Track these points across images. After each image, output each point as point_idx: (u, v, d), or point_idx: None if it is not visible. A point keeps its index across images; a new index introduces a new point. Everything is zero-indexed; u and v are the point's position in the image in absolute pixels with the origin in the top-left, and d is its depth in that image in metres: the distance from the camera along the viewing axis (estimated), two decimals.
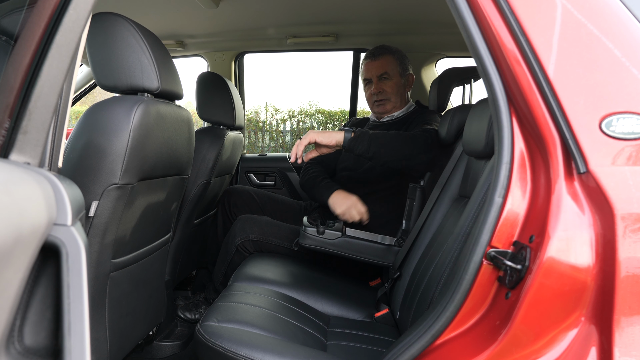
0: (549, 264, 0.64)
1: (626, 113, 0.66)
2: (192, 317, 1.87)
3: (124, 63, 1.07)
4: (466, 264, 0.73)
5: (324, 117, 8.81)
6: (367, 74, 1.92)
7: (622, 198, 0.62)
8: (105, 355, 1.14)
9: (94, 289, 1.07)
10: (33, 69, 0.64)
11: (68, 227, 0.55)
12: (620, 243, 0.61)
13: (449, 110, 1.55)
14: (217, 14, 2.07)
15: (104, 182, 1.01)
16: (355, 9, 2.01)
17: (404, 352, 0.78)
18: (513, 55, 0.69)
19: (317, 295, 1.42)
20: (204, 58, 2.62)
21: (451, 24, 1.05)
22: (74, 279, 0.53)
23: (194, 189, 1.74)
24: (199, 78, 1.93)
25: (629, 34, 0.68)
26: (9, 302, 0.48)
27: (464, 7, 0.73)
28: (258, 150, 8.71)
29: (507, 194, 0.71)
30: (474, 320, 0.74)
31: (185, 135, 1.32)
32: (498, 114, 0.73)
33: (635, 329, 0.61)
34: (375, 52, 1.90)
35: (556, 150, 0.68)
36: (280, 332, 1.09)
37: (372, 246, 1.50)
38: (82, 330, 0.51)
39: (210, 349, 1.00)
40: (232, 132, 2.00)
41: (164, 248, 1.44)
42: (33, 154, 0.63)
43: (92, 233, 1.02)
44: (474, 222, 0.96)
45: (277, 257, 1.67)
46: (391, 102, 1.90)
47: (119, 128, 1.01)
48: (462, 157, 1.37)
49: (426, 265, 1.18)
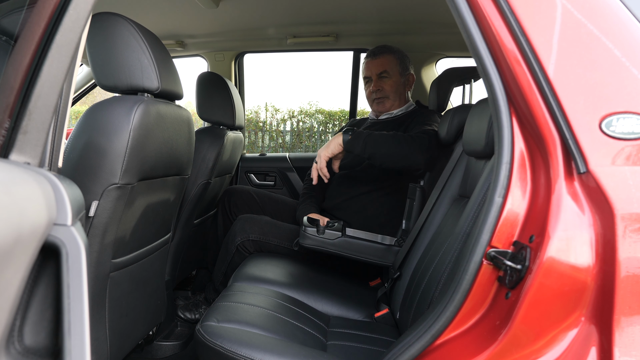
0: (549, 264, 0.64)
1: (626, 113, 0.66)
2: (192, 317, 1.87)
3: (124, 63, 1.07)
4: (466, 264, 0.73)
5: (324, 117, 8.81)
6: (367, 72, 1.94)
7: (622, 198, 0.62)
8: (105, 355, 1.14)
9: (94, 289, 1.07)
10: (33, 69, 0.64)
11: (68, 227, 0.55)
12: (620, 243, 0.61)
13: (449, 110, 1.55)
14: (217, 14, 2.07)
15: (104, 182, 1.01)
16: (355, 9, 2.01)
17: (404, 352, 0.78)
18: (513, 55, 0.69)
19: (317, 295, 1.42)
20: (204, 58, 2.62)
21: (451, 24, 1.05)
22: (74, 279, 0.53)
23: (194, 189, 1.74)
24: (199, 78, 1.93)
25: (629, 34, 0.68)
26: (9, 302, 0.48)
27: (464, 7, 0.73)
28: (258, 150, 8.71)
29: (507, 194, 0.71)
30: (474, 320, 0.74)
31: (185, 135, 1.32)
32: (498, 114, 0.73)
33: (635, 329, 0.61)
34: (376, 50, 1.91)
35: (556, 150, 0.68)
36: (280, 332, 1.09)
37: (372, 246, 1.50)
38: (82, 330, 0.51)
39: (210, 349, 1.00)
40: (232, 132, 2.00)
41: (164, 248, 1.44)
42: (33, 154, 0.63)
43: (92, 233, 1.02)
44: (474, 222, 0.96)
45: (277, 257, 1.67)
46: (390, 100, 1.90)
47: (119, 128, 1.01)
48: (462, 157, 1.37)
49: (426, 265, 1.18)
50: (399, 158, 1.52)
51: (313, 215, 1.75)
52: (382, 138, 1.52)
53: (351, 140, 1.53)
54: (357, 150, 1.53)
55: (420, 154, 1.51)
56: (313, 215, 1.74)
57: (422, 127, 1.68)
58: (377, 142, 1.51)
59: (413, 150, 1.51)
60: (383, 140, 1.52)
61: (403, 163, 1.53)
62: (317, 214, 1.78)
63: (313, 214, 1.76)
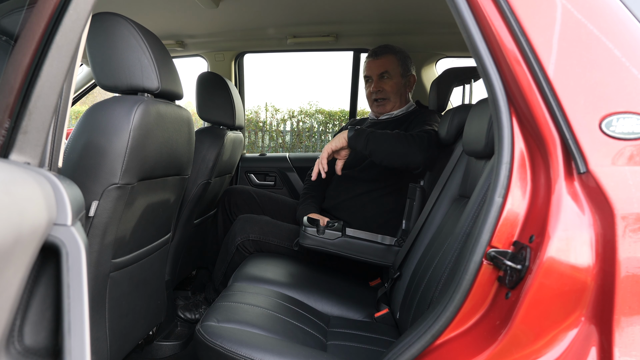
0: (549, 264, 0.64)
1: (626, 113, 0.66)
2: (192, 317, 1.87)
3: (124, 63, 1.07)
4: (466, 264, 0.73)
5: (324, 117, 8.81)
6: (368, 71, 1.93)
7: (622, 198, 0.62)
8: (105, 355, 1.14)
9: (94, 289, 1.07)
10: (33, 69, 0.64)
11: (68, 227, 0.55)
12: (620, 243, 0.61)
13: (449, 110, 1.55)
14: (217, 14, 2.07)
15: (104, 182, 1.01)
16: (355, 9, 2.01)
17: (404, 352, 0.78)
18: (513, 55, 0.69)
19: (317, 295, 1.42)
20: (204, 58, 2.62)
21: (451, 24, 1.05)
22: (74, 279, 0.53)
23: (194, 189, 1.74)
24: (199, 78, 1.92)
25: (629, 34, 0.68)
26: (9, 302, 0.48)
27: (464, 7, 0.73)
28: (258, 150, 8.71)
29: (507, 194, 0.71)
30: (474, 320, 0.74)
31: (185, 135, 1.32)
32: (498, 114, 0.73)
33: (635, 329, 0.61)
34: (378, 50, 1.90)
35: (556, 150, 0.68)
36: (280, 332, 1.09)
37: (372, 246, 1.50)
38: (82, 330, 0.51)
39: (210, 349, 1.00)
40: (232, 132, 2.00)
41: (164, 248, 1.44)
42: (33, 154, 0.63)
43: (92, 233, 1.02)
44: (474, 222, 0.96)
45: (277, 257, 1.67)
46: (390, 101, 1.90)
47: (119, 128, 1.01)
48: (462, 157, 1.37)
49: (426, 265, 1.18)
50: (399, 156, 1.53)
51: (313, 215, 1.75)
52: (383, 136, 1.54)
53: (354, 137, 1.55)
54: (360, 146, 1.55)
55: (419, 152, 1.52)
56: (313, 215, 1.74)
57: (423, 126, 1.68)
58: (378, 139, 1.53)
59: (413, 148, 1.52)
60: (384, 138, 1.53)
61: (402, 161, 1.54)
62: (317, 214, 1.78)
63: (313, 214, 1.76)
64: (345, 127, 2.15)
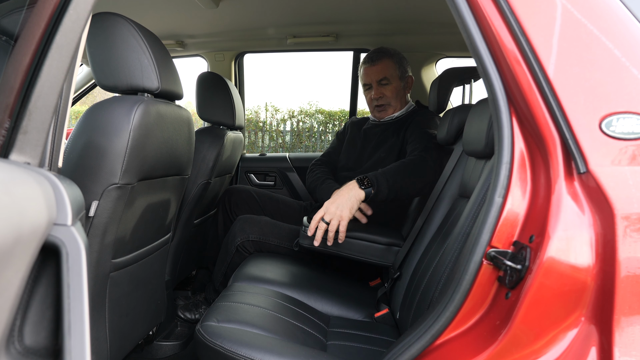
0: (549, 264, 0.64)
1: (626, 113, 0.66)
2: (192, 317, 1.87)
3: (124, 63, 1.07)
4: (466, 264, 0.73)
5: (324, 117, 8.81)
6: (366, 79, 1.92)
7: (622, 198, 0.62)
8: (105, 355, 1.14)
9: (94, 289, 1.07)
10: (33, 69, 0.64)
11: (68, 227, 0.55)
12: (620, 243, 0.61)
13: (449, 110, 1.55)
14: (217, 14, 2.07)
15: (104, 182, 1.01)
16: (355, 9, 2.01)
17: (404, 352, 0.78)
18: (513, 55, 0.69)
19: (317, 295, 1.42)
20: (204, 58, 2.62)
21: (451, 24, 1.05)
22: (74, 279, 0.53)
23: (194, 189, 1.74)
24: (199, 78, 1.93)
25: (629, 34, 0.68)
26: (9, 302, 0.48)
27: (464, 7, 0.73)
28: (258, 150, 8.71)
29: (507, 194, 0.71)
30: (474, 320, 0.74)
31: (185, 135, 1.32)
32: (498, 114, 0.73)
33: (635, 329, 0.61)
34: (374, 56, 1.88)
35: (556, 150, 0.68)
36: (280, 332, 1.09)
37: (372, 246, 1.50)
38: (82, 330, 0.51)
39: (210, 349, 1.00)
40: (232, 132, 2.00)
41: (164, 248, 1.44)
42: (33, 154, 0.63)
43: (92, 233, 1.02)
44: (474, 222, 0.96)
45: (277, 257, 1.67)
46: (392, 106, 1.90)
47: (119, 128, 1.01)
48: (462, 157, 1.37)
49: (426, 265, 1.18)
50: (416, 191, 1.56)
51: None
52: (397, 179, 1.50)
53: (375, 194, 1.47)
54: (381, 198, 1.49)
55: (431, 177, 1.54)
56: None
57: (421, 138, 1.67)
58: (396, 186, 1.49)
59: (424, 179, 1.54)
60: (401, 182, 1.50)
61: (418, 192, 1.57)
62: None
63: None
64: (344, 127, 2.15)
